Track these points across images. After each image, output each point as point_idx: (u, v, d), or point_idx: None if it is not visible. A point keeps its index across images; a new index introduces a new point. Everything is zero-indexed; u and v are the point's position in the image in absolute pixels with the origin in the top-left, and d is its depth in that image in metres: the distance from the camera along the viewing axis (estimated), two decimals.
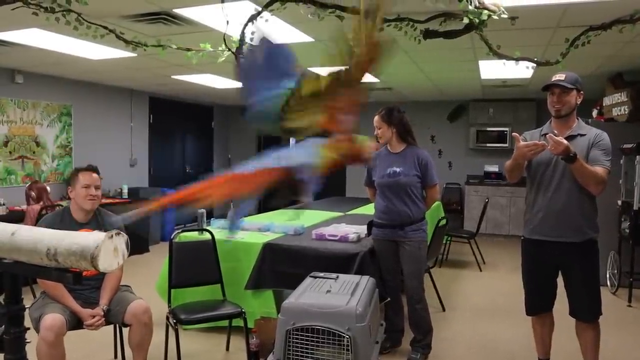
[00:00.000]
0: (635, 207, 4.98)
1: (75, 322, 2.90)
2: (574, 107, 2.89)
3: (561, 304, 2.98)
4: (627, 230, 5.15)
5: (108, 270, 0.99)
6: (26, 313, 2.78)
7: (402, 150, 3.66)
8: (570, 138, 2.81)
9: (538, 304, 3.08)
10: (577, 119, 2.96)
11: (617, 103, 5.82)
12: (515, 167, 2.94)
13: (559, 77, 2.87)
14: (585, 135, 2.86)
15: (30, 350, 1.48)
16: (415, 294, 3.60)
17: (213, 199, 1.63)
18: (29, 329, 1.24)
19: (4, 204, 5.71)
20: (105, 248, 0.97)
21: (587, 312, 2.89)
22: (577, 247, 2.84)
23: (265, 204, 10.39)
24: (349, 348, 2.54)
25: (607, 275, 5.52)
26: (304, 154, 1.44)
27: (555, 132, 2.87)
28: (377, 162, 3.72)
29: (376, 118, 3.67)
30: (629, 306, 4.96)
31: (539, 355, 3.21)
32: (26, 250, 1.05)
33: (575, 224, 2.84)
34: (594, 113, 6.45)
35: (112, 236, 1.00)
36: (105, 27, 3.60)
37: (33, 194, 5.91)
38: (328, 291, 2.86)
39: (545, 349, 3.18)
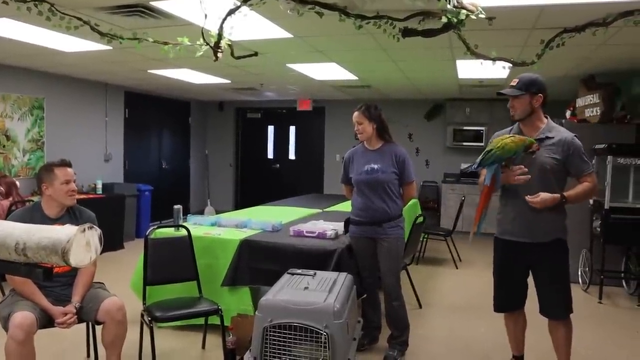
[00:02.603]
0: (606, 207, 5.08)
1: (46, 320, 2.82)
2: (530, 111, 2.90)
3: (534, 302, 3.01)
4: (598, 229, 5.25)
5: (80, 265, 0.96)
6: None
7: (379, 147, 3.66)
8: (539, 141, 2.86)
9: (508, 301, 3.11)
10: (547, 119, 2.97)
11: (589, 104, 5.93)
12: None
13: (513, 82, 2.93)
14: (553, 137, 2.88)
15: None
16: (393, 291, 3.61)
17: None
18: None
19: None
20: (77, 242, 0.93)
21: (556, 309, 2.92)
22: (545, 246, 2.88)
23: (243, 201, 10.24)
24: (327, 345, 2.54)
25: (579, 273, 5.63)
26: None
27: (523, 132, 2.96)
28: (354, 160, 3.72)
29: (356, 114, 3.65)
30: (600, 303, 5.06)
31: (513, 352, 3.25)
32: None
33: (544, 227, 2.88)
34: (568, 114, 6.57)
35: (84, 230, 0.96)
36: (80, 19, 3.52)
37: (1, 189, 5.75)
38: (306, 288, 2.85)
39: (519, 345, 3.22)
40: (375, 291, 3.81)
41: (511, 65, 3.82)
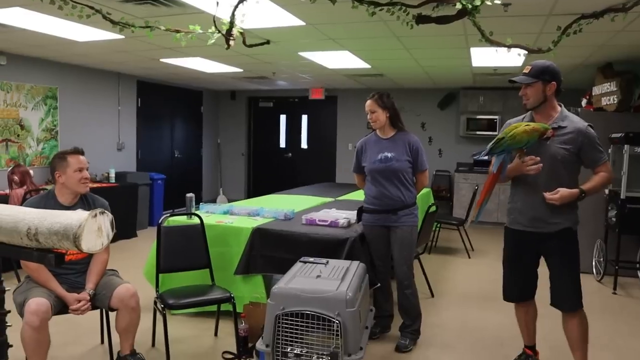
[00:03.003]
0: (622, 196, 5.01)
1: (61, 307, 2.86)
2: (542, 99, 2.83)
3: (547, 292, 2.98)
4: (614, 219, 5.18)
5: (92, 251, 0.96)
6: (9, 297, 2.74)
7: (392, 135, 3.64)
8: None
9: (517, 291, 3.09)
10: (560, 108, 2.89)
11: (606, 93, 5.83)
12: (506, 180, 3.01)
13: (525, 70, 2.86)
14: (565, 127, 2.80)
15: (15, 336, 1.45)
16: (405, 279, 3.61)
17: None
18: (9, 311, 1.19)
19: None
20: (89, 227, 0.93)
21: (565, 301, 2.86)
22: (554, 236, 2.84)
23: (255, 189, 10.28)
24: (339, 333, 2.54)
25: (593, 263, 5.58)
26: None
27: (536, 120, 2.88)
28: (367, 148, 3.70)
29: (369, 102, 3.63)
30: (614, 293, 5.01)
31: (525, 341, 3.23)
32: (6, 230, 1.00)
33: (554, 218, 2.82)
34: (583, 102, 6.46)
35: (95, 215, 0.96)
36: (92, 7, 3.51)
37: (16, 178, 5.80)
38: (318, 276, 2.85)
39: (530, 335, 3.19)
40: (387, 280, 3.79)
41: (526, 52, 3.76)
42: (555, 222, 2.83)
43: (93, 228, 0.95)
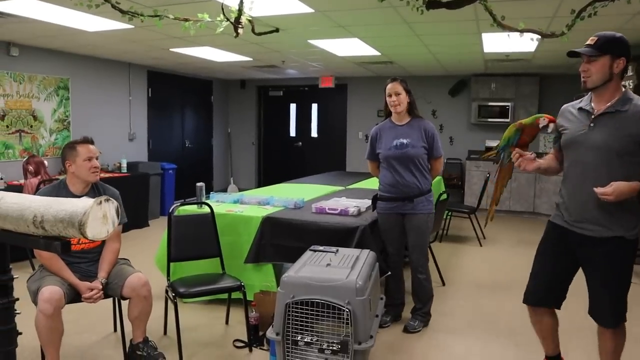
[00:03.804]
0: None
1: (74, 295, 2.89)
2: (606, 78, 2.37)
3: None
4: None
5: (97, 238, 0.96)
6: (23, 285, 2.78)
7: (408, 121, 3.63)
8: (606, 115, 2.40)
9: (540, 293, 2.68)
10: (623, 90, 2.44)
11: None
12: (542, 173, 2.82)
13: (590, 41, 2.41)
14: (626, 111, 2.36)
15: (26, 323, 1.46)
16: (420, 265, 3.63)
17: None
18: (17, 299, 1.20)
19: (2, 178, 5.68)
20: (94, 214, 0.93)
21: (603, 316, 2.51)
22: (601, 243, 2.42)
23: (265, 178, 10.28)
24: (349, 321, 2.54)
25: None
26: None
27: (593, 105, 2.47)
28: (382, 135, 3.68)
29: (393, 84, 3.58)
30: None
31: (545, 352, 2.88)
32: (12, 218, 1.01)
33: (600, 218, 2.42)
34: None
35: (100, 202, 0.95)
36: None
37: (31, 168, 5.86)
38: (328, 265, 2.84)
39: (549, 345, 2.83)
40: (400, 268, 3.79)
41: (539, 37, 3.70)
42: (605, 226, 2.41)
43: (98, 215, 0.95)
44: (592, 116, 2.43)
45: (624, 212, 2.40)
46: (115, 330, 3.54)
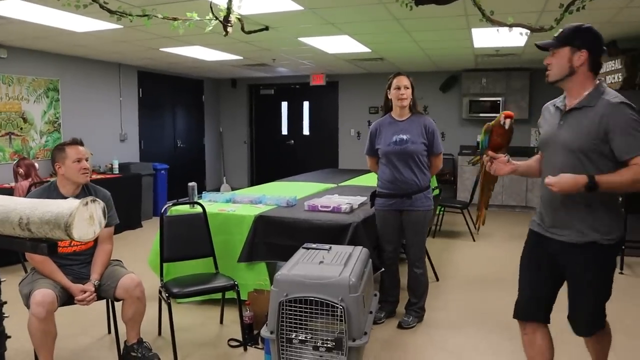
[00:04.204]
0: None
1: (67, 298, 2.87)
2: (566, 71, 2.20)
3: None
4: (620, 198, 5.15)
5: (84, 239, 0.95)
6: (14, 288, 2.76)
7: (408, 117, 3.63)
8: (573, 112, 2.22)
9: (525, 307, 2.46)
10: (596, 85, 2.23)
11: (611, 71, 5.77)
12: (522, 175, 2.65)
13: (557, 34, 2.27)
14: (593, 107, 2.16)
15: (16, 327, 1.45)
16: (417, 260, 3.65)
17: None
18: (5, 302, 1.19)
19: None
20: (80, 216, 0.92)
21: (577, 325, 2.36)
22: (578, 249, 2.24)
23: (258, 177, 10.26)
24: (343, 318, 2.54)
25: None
26: None
27: (566, 102, 2.29)
28: (381, 130, 3.68)
29: (402, 77, 3.61)
30: (621, 273, 5.00)
31: None
32: None
33: (574, 221, 2.24)
34: None
35: (87, 203, 0.95)
36: None
37: (21, 170, 5.83)
38: (321, 262, 2.84)
39: None
40: (396, 264, 3.80)
41: (529, 32, 3.71)
42: (577, 230, 2.23)
43: (84, 216, 0.95)
44: (562, 113, 2.28)
45: (597, 214, 2.20)
46: (109, 332, 3.53)
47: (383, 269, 3.75)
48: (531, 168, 2.57)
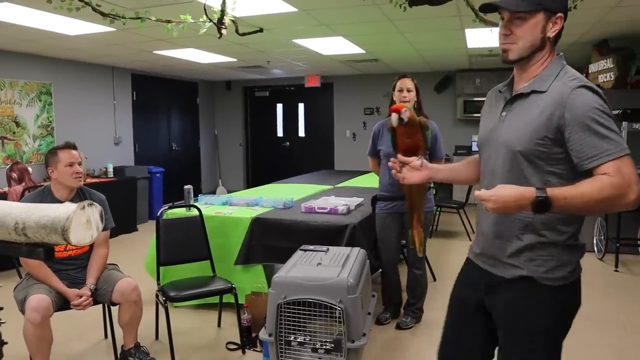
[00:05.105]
0: None
1: (62, 303, 2.85)
2: (537, 44, 1.58)
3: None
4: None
5: (81, 243, 0.94)
6: (9, 294, 2.74)
7: None
8: (518, 99, 1.63)
9: (448, 353, 1.95)
10: (554, 61, 1.62)
11: (603, 70, 5.80)
12: (448, 182, 2.13)
13: None
14: (545, 92, 1.55)
15: (15, 333, 1.44)
16: (417, 261, 3.66)
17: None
18: (2, 308, 1.18)
19: None
20: (77, 220, 0.91)
21: None
22: (504, 286, 1.65)
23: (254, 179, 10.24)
24: (341, 320, 2.53)
25: (594, 242, 5.58)
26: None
27: (514, 87, 1.71)
28: (384, 132, 3.68)
29: (406, 80, 3.63)
30: (616, 271, 5.02)
31: None
32: None
33: (503, 246, 1.64)
34: None
35: (84, 207, 0.94)
36: (81, 0, 3.47)
37: (14, 175, 5.79)
38: (319, 264, 2.84)
39: None
40: (396, 268, 3.80)
41: None
42: (507, 261, 1.63)
43: (82, 220, 0.93)
44: (505, 102, 1.69)
45: (540, 239, 1.59)
46: (105, 336, 3.50)
47: (384, 271, 3.75)
48: (458, 173, 1.99)
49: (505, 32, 1.63)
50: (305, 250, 3.10)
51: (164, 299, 3.19)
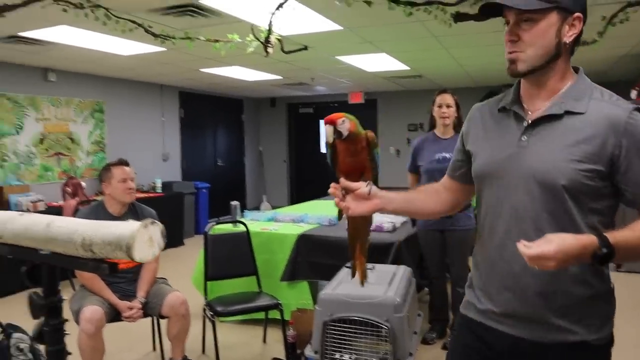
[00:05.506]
0: None
1: (114, 315, 2.93)
2: (552, 52, 1.30)
3: None
4: None
5: (143, 260, 0.97)
6: (66, 305, 2.83)
7: (452, 136, 3.62)
8: (547, 122, 1.33)
9: None
10: (580, 76, 1.36)
11: None
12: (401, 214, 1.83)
13: None
14: (582, 113, 1.28)
15: (71, 343, 1.49)
16: (460, 279, 3.57)
17: None
18: (67, 320, 1.23)
19: (42, 200, 5.84)
20: (140, 237, 0.94)
21: None
22: (547, 354, 1.34)
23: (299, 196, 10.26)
24: (388, 339, 2.50)
25: None
26: None
27: (525, 104, 1.41)
28: (424, 147, 3.66)
29: (446, 95, 3.62)
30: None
31: None
32: (61, 241, 1.03)
33: (552, 305, 1.32)
34: (633, 94, 6.20)
35: (146, 225, 0.97)
36: (134, 22, 3.61)
37: (69, 189, 6.03)
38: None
39: None
40: (444, 283, 3.73)
41: None
42: (555, 322, 1.32)
43: (144, 238, 0.96)
44: (525, 123, 1.37)
45: (588, 295, 1.31)
46: (154, 349, 3.57)
47: (430, 288, 3.69)
48: (414, 204, 1.70)
49: (511, 38, 1.33)
50: (351, 268, 3.09)
51: (211, 313, 3.23)
